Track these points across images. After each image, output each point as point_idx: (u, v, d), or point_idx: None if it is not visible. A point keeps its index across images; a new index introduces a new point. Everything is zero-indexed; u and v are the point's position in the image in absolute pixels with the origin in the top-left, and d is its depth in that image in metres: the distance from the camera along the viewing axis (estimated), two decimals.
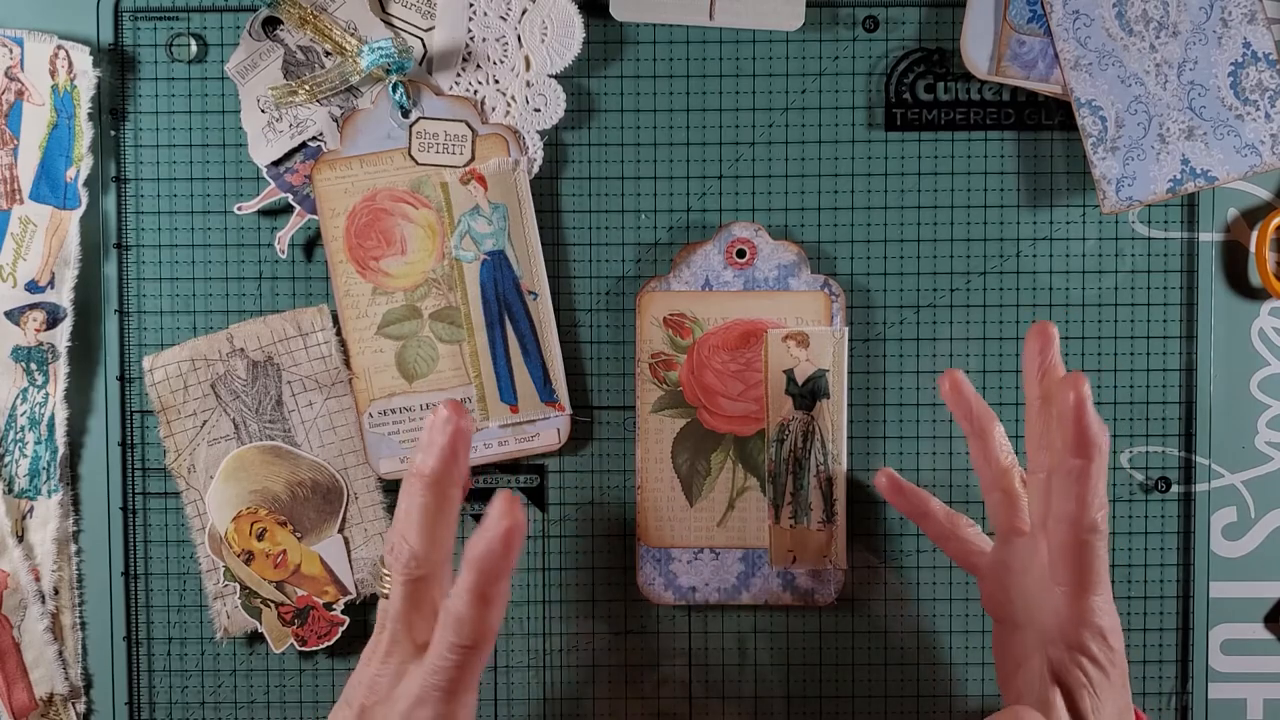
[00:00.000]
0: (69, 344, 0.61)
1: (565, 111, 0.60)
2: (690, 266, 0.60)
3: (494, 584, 0.45)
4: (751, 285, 0.60)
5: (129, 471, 0.62)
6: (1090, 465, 0.46)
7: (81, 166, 0.60)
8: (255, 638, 0.62)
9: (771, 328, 0.60)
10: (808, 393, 0.59)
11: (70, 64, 0.60)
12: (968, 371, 0.61)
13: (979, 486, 0.61)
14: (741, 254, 0.60)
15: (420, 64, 0.60)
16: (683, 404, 0.61)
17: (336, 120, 0.60)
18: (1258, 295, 0.61)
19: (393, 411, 0.61)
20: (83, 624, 0.62)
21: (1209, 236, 0.61)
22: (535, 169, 0.60)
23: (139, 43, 0.61)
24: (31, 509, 0.62)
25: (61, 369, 0.61)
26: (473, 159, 0.60)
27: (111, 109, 0.61)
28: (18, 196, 0.61)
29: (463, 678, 0.46)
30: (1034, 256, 0.61)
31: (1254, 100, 0.58)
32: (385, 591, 0.48)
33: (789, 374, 0.59)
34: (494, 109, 0.60)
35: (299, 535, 0.61)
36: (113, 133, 0.61)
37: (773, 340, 0.59)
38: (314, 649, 0.61)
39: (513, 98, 0.60)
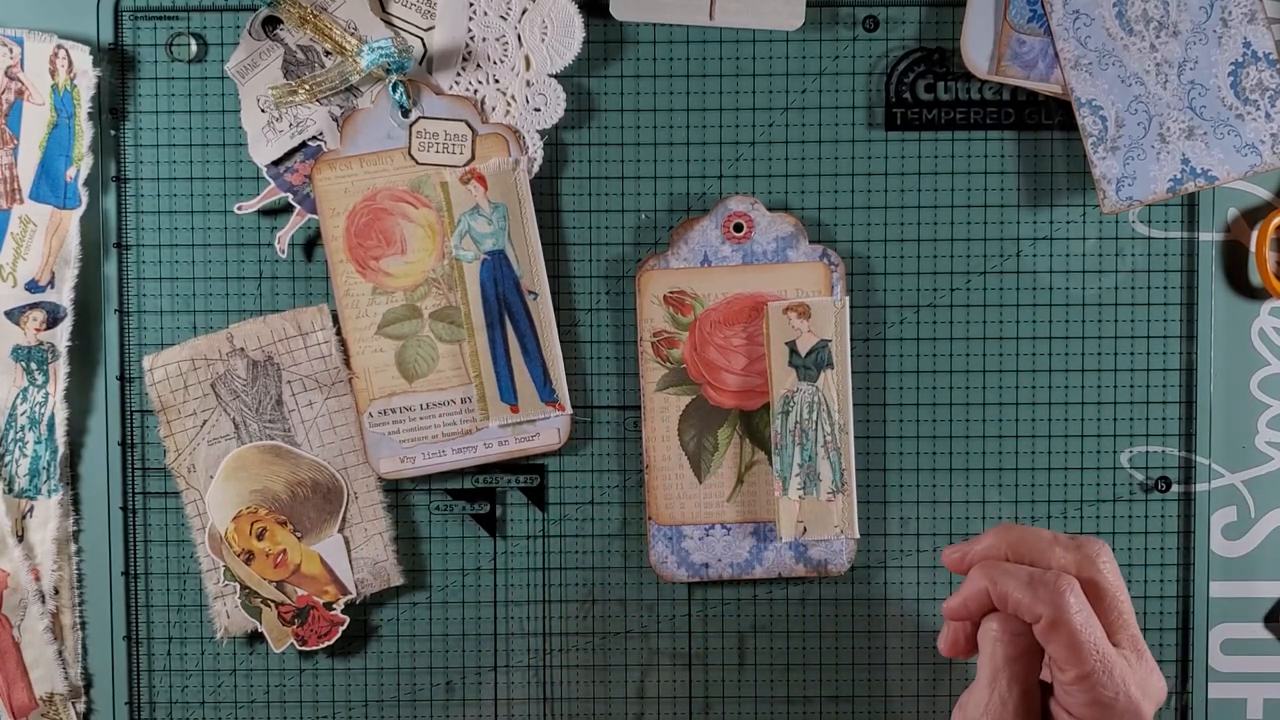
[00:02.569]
0: (69, 344, 0.61)
1: (565, 111, 0.60)
2: (688, 243, 0.60)
3: None
4: (750, 259, 0.60)
5: (129, 471, 0.62)
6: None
7: (81, 166, 0.60)
8: (255, 637, 0.62)
9: (772, 300, 0.60)
10: (811, 364, 0.59)
11: (70, 63, 0.60)
12: (967, 371, 0.61)
13: (979, 486, 0.61)
14: (739, 228, 0.60)
15: (420, 64, 0.60)
16: (687, 381, 0.61)
17: (336, 120, 0.60)
18: (1258, 295, 0.61)
19: (393, 411, 0.61)
20: (83, 624, 0.62)
21: (1209, 236, 0.61)
22: (535, 169, 0.60)
23: (139, 42, 0.61)
24: (31, 509, 0.62)
25: (61, 369, 0.61)
26: (473, 158, 0.60)
27: (111, 109, 0.61)
28: (18, 196, 0.61)
29: None
30: (1034, 256, 0.61)
31: (1254, 100, 0.58)
32: None
33: (791, 346, 0.59)
34: (494, 109, 0.60)
35: (299, 535, 0.61)
36: (113, 132, 0.61)
37: (774, 313, 0.59)
38: (314, 649, 0.61)
39: (513, 97, 0.60)
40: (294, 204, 0.60)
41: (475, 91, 0.60)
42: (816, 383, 0.59)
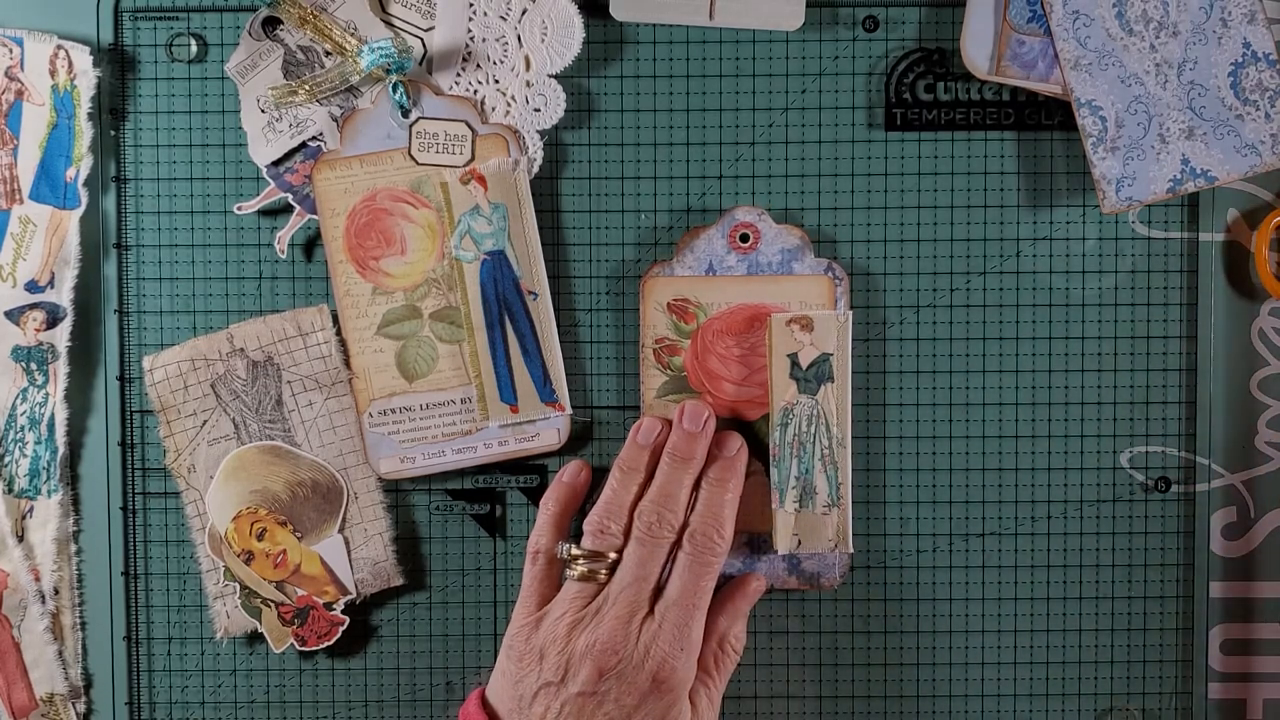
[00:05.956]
0: (69, 344, 0.61)
1: (565, 111, 0.60)
2: (694, 251, 0.60)
3: None
4: (755, 270, 0.60)
5: (129, 471, 0.62)
6: None
7: (81, 166, 0.60)
8: (255, 638, 0.62)
9: (775, 312, 0.60)
10: (812, 377, 0.59)
11: (70, 64, 0.60)
12: (967, 371, 0.61)
13: (979, 486, 0.61)
14: (745, 238, 0.60)
15: (420, 64, 0.60)
16: (687, 389, 0.61)
17: (336, 120, 0.60)
18: (1258, 295, 0.61)
19: (393, 411, 0.61)
20: (83, 624, 0.62)
21: (1209, 236, 0.61)
22: (535, 169, 0.60)
23: (139, 43, 0.61)
24: (31, 509, 0.62)
25: (61, 369, 0.61)
26: (473, 159, 0.60)
27: (111, 109, 0.61)
28: (18, 196, 0.61)
29: None
30: (1034, 256, 0.61)
31: (1254, 100, 0.58)
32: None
33: (793, 358, 0.59)
34: (494, 109, 0.60)
35: (299, 535, 0.61)
36: (113, 133, 0.61)
37: (777, 324, 0.59)
38: (314, 649, 0.61)
39: (513, 98, 0.60)
40: (294, 204, 0.61)
41: (475, 92, 0.60)
42: (816, 396, 0.59)
